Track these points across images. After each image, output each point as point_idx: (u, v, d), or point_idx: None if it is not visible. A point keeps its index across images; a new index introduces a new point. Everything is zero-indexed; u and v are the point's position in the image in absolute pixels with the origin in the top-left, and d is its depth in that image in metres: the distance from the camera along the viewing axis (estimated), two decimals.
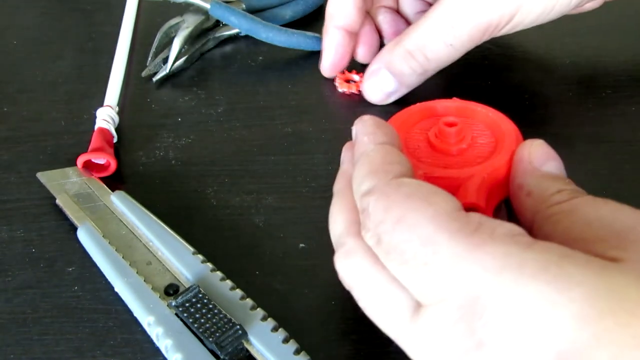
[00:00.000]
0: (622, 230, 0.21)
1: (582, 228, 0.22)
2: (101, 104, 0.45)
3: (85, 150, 0.41)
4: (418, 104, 0.34)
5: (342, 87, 0.47)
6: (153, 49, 0.51)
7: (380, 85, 0.43)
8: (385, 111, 0.43)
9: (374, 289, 0.25)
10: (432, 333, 0.22)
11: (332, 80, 0.48)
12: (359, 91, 0.46)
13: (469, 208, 0.25)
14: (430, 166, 0.30)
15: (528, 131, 0.33)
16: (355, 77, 0.48)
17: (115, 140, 0.43)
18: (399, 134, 0.30)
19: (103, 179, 0.40)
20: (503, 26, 0.39)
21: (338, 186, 0.30)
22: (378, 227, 0.23)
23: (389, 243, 0.23)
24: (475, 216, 0.22)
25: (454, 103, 0.34)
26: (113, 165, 0.40)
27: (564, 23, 0.54)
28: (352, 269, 0.26)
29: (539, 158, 0.28)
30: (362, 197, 0.25)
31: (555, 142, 0.30)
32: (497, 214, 0.29)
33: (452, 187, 0.27)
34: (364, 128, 0.29)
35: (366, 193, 0.25)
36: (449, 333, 0.21)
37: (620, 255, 0.20)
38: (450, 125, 0.31)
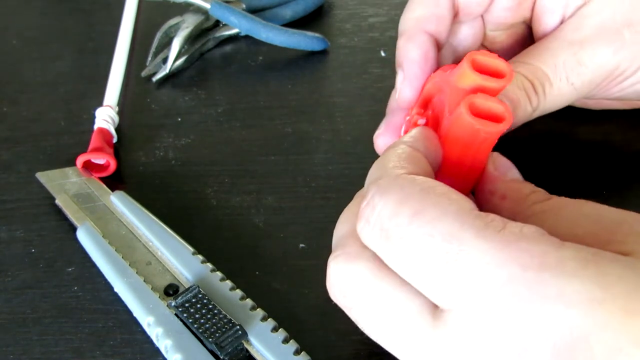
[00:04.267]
0: (611, 225, 0.21)
1: (571, 225, 0.22)
2: (101, 104, 0.45)
3: (85, 150, 0.41)
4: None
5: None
6: (153, 49, 0.51)
7: None
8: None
9: (379, 298, 0.22)
10: (462, 339, 0.20)
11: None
12: None
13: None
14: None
15: (529, 132, 0.32)
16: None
17: (115, 140, 0.43)
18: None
19: (103, 179, 0.40)
20: (630, 75, 0.33)
21: (360, 192, 0.27)
22: (388, 221, 0.21)
23: (403, 238, 0.21)
24: (496, 216, 0.21)
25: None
26: (112, 165, 0.40)
27: None
28: (352, 275, 0.23)
29: (502, 167, 0.28)
30: (370, 186, 0.23)
31: (555, 142, 0.30)
32: None
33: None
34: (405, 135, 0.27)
35: (375, 182, 0.23)
36: (483, 337, 0.20)
37: (627, 249, 0.20)
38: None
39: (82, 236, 0.36)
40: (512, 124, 0.28)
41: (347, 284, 0.24)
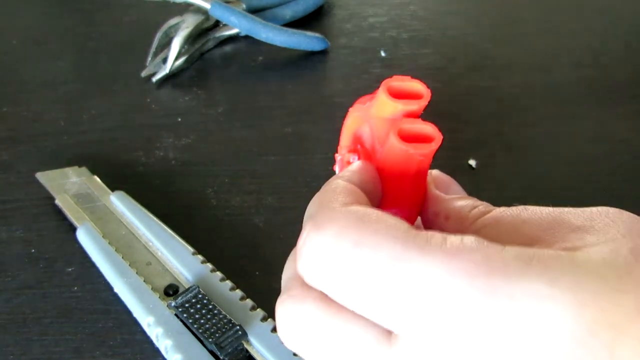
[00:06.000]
0: (551, 227, 0.22)
1: (513, 234, 0.22)
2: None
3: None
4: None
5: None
6: (153, 49, 0.51)
7: None
8: None
9: (333, 337, 0.22)
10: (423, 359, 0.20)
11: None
12: None
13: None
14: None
15: (529, 132, 0.33)
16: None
17: None
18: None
19: (103, 179, 0.40)
20: None
21: None
22: (329, 256, 0.21)
23: (347, 270, 0.21)
24: (434, 232, 0.21)
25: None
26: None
27: (565, 23, 0.54)
28: (301, 317, 0.23)
29: (442, 185, 0.28)
30: (305, 223, 0.22)
31: (555, 142, 0.30)
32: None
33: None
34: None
35: (310, 217, 0.23)
36: (443, 354, 0.20)
37: (571, 246, 0.20)
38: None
39: (82, 236, 0.36)
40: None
41: (297, 327, 0.23)
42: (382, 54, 0.51)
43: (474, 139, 0.43)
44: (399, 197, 0.27)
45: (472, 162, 0.41)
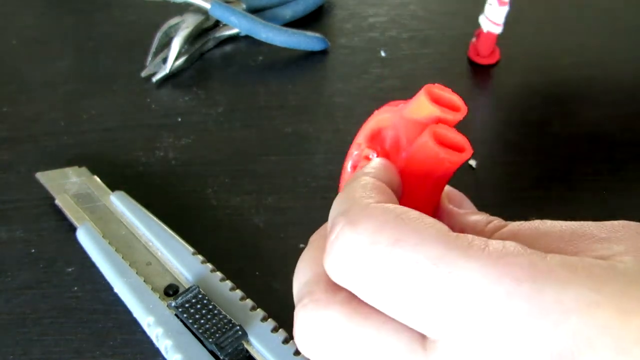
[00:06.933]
0: (574, 238, 0.21)
1: (533, 247, 0.22)
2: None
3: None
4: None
5: None
6: (153, 49, 0.51)
7: None
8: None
9: (361, 344, 0.21)
10: None
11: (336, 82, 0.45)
12: None
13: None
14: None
15: (529, 132, 0.32)
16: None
17: None
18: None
19: (103, 179, 0.40)
20: None
21: (315, 237, 0.26)
22: (365, 253, 0.20)
23: (385, 269, 0.20)
24: (475, 236, 0.20)
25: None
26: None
27: (565, 24, 0.54)
28: (325, 323, 0.21)
29: (455, 200, 0.27)
30: (337, 218, 0.21)
31: (555, 143, 0.30)
32: None
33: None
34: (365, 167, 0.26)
35: (343, 213, 0.21)
36: (486, 358, 0.19)
37: (597, 256, 0.20)
38: None
39: (82, 236, 0.36)
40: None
41: (321, 334, 0.22)
42: (382, 54, 0.51)
43: (474, 139, 0.43)
44: (416, 200, 0.26)
45: (472, 162, 0.41)
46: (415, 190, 0.26)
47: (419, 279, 0.19)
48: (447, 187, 0.28)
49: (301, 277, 0.24)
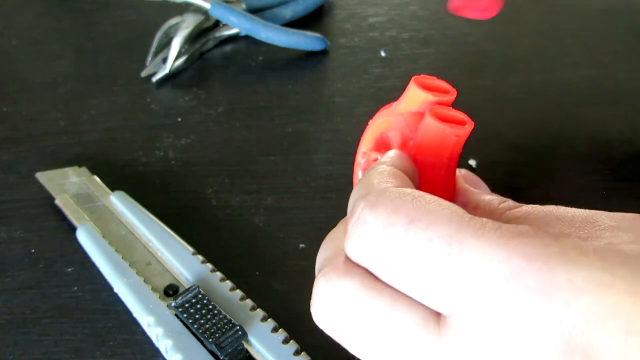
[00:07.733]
0: (584, 224, 0.22)
1: (545, 229, 0.23)
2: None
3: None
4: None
5: None
6: (153, 49, 0.51)
7: None
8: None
9: (376, 315, 0.21)
10: (472, 341, 0.20)
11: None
12: None
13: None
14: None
15: (529, 132, 0.32)
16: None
17: None
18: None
19: (103, 179, 0.40)
20: None
21: (341, 221, 0.27)
22: (382, 232, 0.21)
23: (400, 247, 0.21)
24: (489, 219, 0.21)
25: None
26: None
27: (565, 24, 0.54)
28: (343, 292, 0.22)
29: (471, 182, 0.29)
30: (357, 202, 0.22)
31: (555, 143, 0.30)
32: None
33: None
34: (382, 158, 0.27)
35: (362, 197, 0.22)
36: (495, 335, 0.20)
37: (608, 242, 0.21)
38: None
39: (82, 236, 0.36)
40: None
41: (338, 304, 0.22)
42: (382, 54, 0.51)
43: (474, 139, 0.43)
44: (433, 184, 0.27)
45: (472, 162, 0.41)
46: (430, 174, 0.27)
47: (432, 256, 0.20)
48: (464, 171, 0.29)
49: (324, 253, 0.25)
